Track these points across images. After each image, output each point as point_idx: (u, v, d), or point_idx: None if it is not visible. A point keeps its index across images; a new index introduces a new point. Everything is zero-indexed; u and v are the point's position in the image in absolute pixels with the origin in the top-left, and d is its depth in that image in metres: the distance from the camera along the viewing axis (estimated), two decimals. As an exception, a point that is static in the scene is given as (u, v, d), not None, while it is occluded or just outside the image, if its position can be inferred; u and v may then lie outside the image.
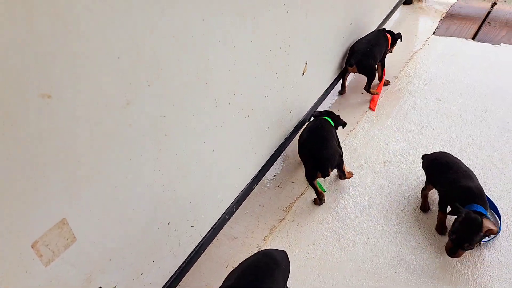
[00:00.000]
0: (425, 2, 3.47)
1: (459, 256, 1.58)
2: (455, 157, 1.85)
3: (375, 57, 2.44)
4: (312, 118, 2.09)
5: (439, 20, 3.21)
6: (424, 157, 1.92)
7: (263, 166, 1.96)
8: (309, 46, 2.04)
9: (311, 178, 1.90)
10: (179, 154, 1.38)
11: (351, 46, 2.49)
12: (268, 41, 1.69)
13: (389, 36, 2.56)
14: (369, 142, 2.24)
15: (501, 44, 2.83)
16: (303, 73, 2.06)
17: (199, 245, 1.66)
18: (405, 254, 1.71)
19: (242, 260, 1.41)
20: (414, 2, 3.48)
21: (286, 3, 1.73)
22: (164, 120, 1.27)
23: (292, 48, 1.89)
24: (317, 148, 1.88)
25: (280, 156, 2.13)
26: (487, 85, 2.50)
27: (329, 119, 2.06)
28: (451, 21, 3.18)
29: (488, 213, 1.63)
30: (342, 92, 2.60)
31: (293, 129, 2.15)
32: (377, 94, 2.50)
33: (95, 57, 0.98)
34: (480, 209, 1.57)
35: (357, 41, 2.51)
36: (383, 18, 2.95)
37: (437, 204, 1.78)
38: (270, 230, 1.87)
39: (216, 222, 1.72)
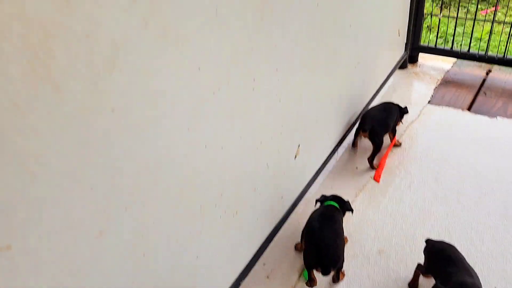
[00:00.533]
0: (419, 67, 3.46)
1: None
2: (460, 253, 1.75)
3: (388, 126, 2.47)
4: (318, 204, 1.98)
5: (434, 87, 3.18)
6: (428, 242, 1.81)
7: (252, 257, 1.84)
8: (301, 128, 1.97)
9: (309, 268, 1.78)
10: (158, 271, 1.26)
11: (364, 113, 2.53)
12: (259, 134, 1.60)
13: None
14: (362, 227, 2.13)
15: (497, 117, 2.78)
16: (295, 156, 1.98)
17: None
18: None
19: None
20: (409, 67, 3.47)
21: (278, 93, 1.66)
22: (142, 240, 1.16)
23: (284, 135, 1.81)
24: (327, 244, 1.76)
25: (272, 242, 2.01)
26: (485, 164, 2.42)
27: (336, 204, 1.95)
28: (447, 89, 3.15)
29: None
30: (354, 146, 2.61)
31: (285, 213, 2.04)
32: (378, 168, 2.43)
33: (62, 196, 0.88)
34: None
35: (371, 108, 2.55)
36: (378, 86, 2.91)
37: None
38: (257, 332, 1.73)
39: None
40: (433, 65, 3.47)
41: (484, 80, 3.22)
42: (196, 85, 1.19)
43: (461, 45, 3.38)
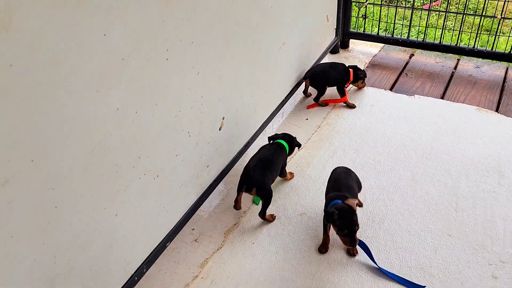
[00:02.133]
0: (350, 52, 3.68)
1: (357, 242, 1.81)
2: (348, 174, 2.12)
3: (330, 78, 2.88)
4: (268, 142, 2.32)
5: (362, 69, 3.40)
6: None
7: (179, 222, 1.95)
8: (225, 103, 2.10)
9: (238, 190, 2.12)
10: (73, 224, 1.35)
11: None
12: (176, 103, 1.72)
13: (351, 70, 2.95)
14: (288, 193, 2.30)
15: (415, 95, 3.03)
16: (220, 128, 2.11)
17: (103, 313, 1.61)
18: (313, 311, 1.74)
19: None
20: (340, 51, 3.68)
21: (195, 66, 1.78)
22: (53, 193, 1.25)
23: (206, 107, 1.93)
24: (254, 168, 2.09)
25: (199, 209, 2.14)
26: (400, 136, 2.65)
27: (284, 142, 2.27)
28: (373, 71, 3.38)
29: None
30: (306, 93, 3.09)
31: (212, 182, 2.16)
32: (325, 105, 2.86)
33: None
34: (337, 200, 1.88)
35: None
36: (308, 68, 3.08)
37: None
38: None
39: (124, 285, 1.68)
40: (362, 50, 3.70)
41: (407, 63, 3.48)
42: (102, 50, 1.29)
43: (392, 31, 3.62)
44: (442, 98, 2.99)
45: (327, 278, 1.86)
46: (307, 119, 2.87)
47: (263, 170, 2.09)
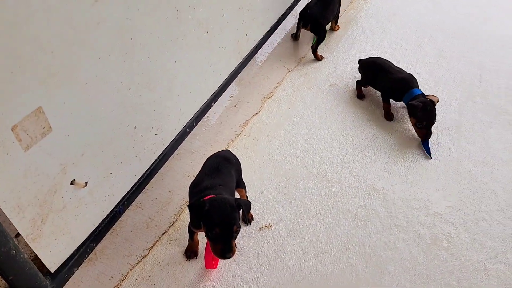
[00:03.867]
0: None
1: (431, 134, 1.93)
2: (386, 60, 2.19)
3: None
4: None
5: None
6: (360, 61, 2.26)
7: (221, 85, 2.06)
8: None
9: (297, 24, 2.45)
10: (144, 60, 1.45)
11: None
12: None
13: None
14: (319, 68, 2.40)
15: (441, -19, 3.01)
16: (259, -4, 2.14)
17: (163, 154, 1.77)
18: (350, 160, 1.92)
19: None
20: None
21: None
22: (130, 24, 1.32)
23: (249, -31, 1.95)
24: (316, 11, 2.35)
25: (236, 79, 2.24)
26: (427, 18, 2.70)
27: None
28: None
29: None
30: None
31: (250, 52, 2.24)
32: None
33: None
34: (418, 91, 1.98)
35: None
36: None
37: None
38: (228, 143, 2.01)
39: (178, 134, 1.83)
40: None
41: (432, -49, 3.39)
42: None
43: None
44: (469, -17, 2.98)
45: (360, 136, 2.02)
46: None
47: (321, 12, 2.37)
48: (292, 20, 2.67)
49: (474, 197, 1.75)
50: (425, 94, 2.00)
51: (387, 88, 2.09)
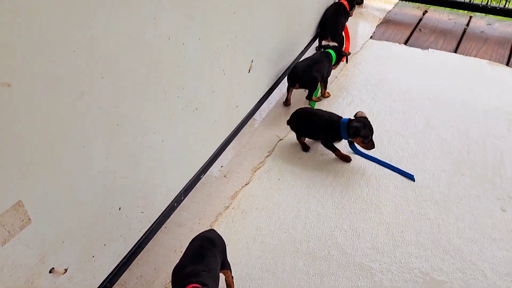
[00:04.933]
0: (364, 8, 3.74)
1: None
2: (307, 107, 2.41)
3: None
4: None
5: (376, 25, 3.48)
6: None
7: (211, 157, 2.08)
8: (255, 45, 2.19)
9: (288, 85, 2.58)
10: (130, 143, 1.47)
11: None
12: (215, 40, 1.81)
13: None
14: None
15: (429, 49, 3.12)
16: (249, 70, 2.20)
17: (149, 231, 1.75)
18: (338, 236, 1.90)
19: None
20: (355, 7, 3.72)
21: (232, 4, 1.86)
22: (117, 111, 1.36)
23: (239, 47, 2.02)
24: (302, 67, 2.50)
25: (227, 148, 2.26)
26: (415, 86, 2.77)
27: (332, 52, 2.63)
28: (387, 27, 3.45)
29: None
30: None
31: (240, 123, 2.28)
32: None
33: (52, 50, 1.06)
34: (345, 119, 2.18)
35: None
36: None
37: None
38: (216, 216, 2.00)
39: (165, 209, 1.83)
40: (377, 6, 3.76)
41: (420, 19, 3.55)
42: (159, -22, 1.37)
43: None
44: (455, 52, 3.09)
45: (349, 209, 2.02)
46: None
47: (308, 67, 2.49)
48: (284, 87, 2.73)
49: (463, 278, 1.71)
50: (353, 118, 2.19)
51: (323, 134, 2.25)
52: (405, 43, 3.24)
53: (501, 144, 2.32)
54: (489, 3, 3.27)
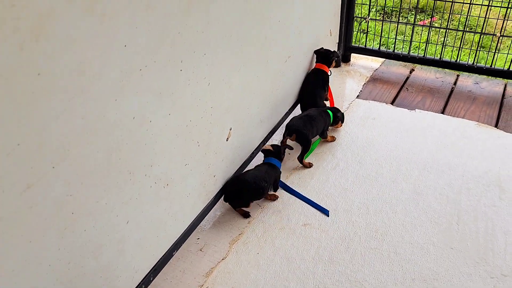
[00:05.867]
0: (351, 66, 3.74)
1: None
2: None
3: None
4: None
5: (363, 83, 3.46)
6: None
7: (185, 231, 1.97)
8: (233, 113, 2.13)
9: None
10: (88, 230, 1.37)
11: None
12: (188, 113, 1.75)
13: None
14: (292, 204, 2.33)
15: (416, 109, 3.09)
16: (227, 138, 2.14)
17: (111, 319, 1.61)
18: (319, 321, 1.76)
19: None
20: (342, 65, 3.74)
21: (206, 77, 1.82)
22: (71, 199, 1.27)
23: (215, 117, 1.96)
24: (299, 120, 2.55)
25: (204, 219, 2.16)
26: (402, 149, 2.70)
27: (330, 112, 2.71)
28: (374, 85, 3.44)
29: None
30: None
31: (217, 192, 2.19)
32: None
33: (-9, 148, 0.99)
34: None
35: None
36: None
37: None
38: (189, 298, 1.86)
39: (131, 293, 1.70)
40: (363, 64, 3.76)
41: (407, 78, 3.54)
42: (122, 60, 1.32)
43: (393, 47, 3.69)
44: (442, 113, 3.05)
45: (331, 287, 1.89)
46: (310, 131, 2.91)
47: (305, 122, 2.50)
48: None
49: None
50: None
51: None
52: (392, 102, 3.21)
53: (492, 213, 2.21)
54: (475, 63, 3.27)
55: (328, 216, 2.20)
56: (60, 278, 1.31)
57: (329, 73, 3.04)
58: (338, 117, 2.77)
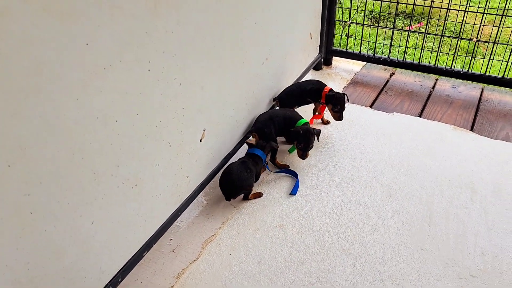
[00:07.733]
0: (333, 69, 3.76)
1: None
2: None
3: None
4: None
5: (343, 86, 3.48)
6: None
7: (156, 232, 1.96)
8: (207, 114, 2.13)
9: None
10: (48, 230, 1.36)
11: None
12: (157, 113, 1.75)
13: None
14: (267, 206, 2.33)
15: (394, 113, 3.11)
16: (201, 139, 2.13)
17: (76, 321, 1.60)
18: (287, 322, 1.76)
19: None
20: (324, 68, 3.76)
21: (177, 77, 1.81)
22: (29, 199, 1.26)
23: (187, 118, 1.96)
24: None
25: (178, 220, 2.15)
26: (378, 152, 2.71)
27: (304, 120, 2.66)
28: (354, 88, 3.46)
29: None
30: None
31: (191, 193, 2.18)
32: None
33: None
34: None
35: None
36: (291, 83, 3.14)
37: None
38: (158, 299, 1.85)
39: (98, 295, 1.68)
40: (345, 67, 3.79)
41: (387, 81, 3.57)
42: (83, 59, 1.32)
43: (372, 50, 3.71)
44: (419, 116, 3.08)
45: (302, 290, 1.89)
46: (288, 133, 2.92)
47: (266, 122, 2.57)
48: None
49: None
50: None
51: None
52: (371, 106, 3.23)
53: (464, 215, 2.24)
54: (453, 67, 3.30)
55: (295, 195, 2.40)
56: (18, 278, 1.29)
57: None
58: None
